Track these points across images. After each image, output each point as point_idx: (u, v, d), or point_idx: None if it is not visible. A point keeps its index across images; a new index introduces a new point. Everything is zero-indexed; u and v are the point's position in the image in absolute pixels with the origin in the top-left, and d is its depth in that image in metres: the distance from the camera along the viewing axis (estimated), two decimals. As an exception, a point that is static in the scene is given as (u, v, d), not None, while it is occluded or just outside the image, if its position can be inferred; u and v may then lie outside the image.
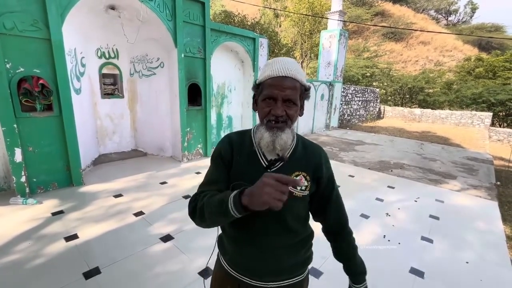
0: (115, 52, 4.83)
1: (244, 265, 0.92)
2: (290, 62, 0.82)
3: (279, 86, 0.79)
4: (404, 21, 35.10)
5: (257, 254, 0.89)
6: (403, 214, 3.35)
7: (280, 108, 0.79)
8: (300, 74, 0.81)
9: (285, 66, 0.80)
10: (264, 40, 6.31)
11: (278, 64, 0.81)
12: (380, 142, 8.16)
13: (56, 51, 3.27)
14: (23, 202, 3.13)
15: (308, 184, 0.87)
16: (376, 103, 15.33)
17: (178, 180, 4.15)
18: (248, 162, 0.88)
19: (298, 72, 0.81)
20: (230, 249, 0.95)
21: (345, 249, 1.02)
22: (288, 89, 0.79)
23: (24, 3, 3.01)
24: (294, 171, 0.87)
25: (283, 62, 0.81)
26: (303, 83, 0.82)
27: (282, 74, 0.79)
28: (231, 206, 0.68)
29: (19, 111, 3.14)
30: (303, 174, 0.87)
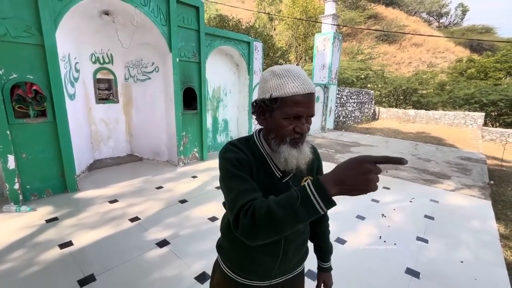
0: (109, 57, 4.82)
1: (250, 268, 0.91)
2: (305, 74, 0.78)
3: (306, 104, 0.74)
4: (396, 23, 35.62)
5: (268, 257, 0.90)
6: (398, 215, 3.38)
7: (306, 125, 0.78)
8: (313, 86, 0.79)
9: (306, 80, 0.75)
10: (258, 43, 6.36)
11: (301, 79, 0.75)
12: (375, 143, 8.23)
13: (50, 57, 3.26)
14: (16, 209, 3.08)
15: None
16: (371, 105, 15.48)
17: (174, 184, 4.14)
18: (263, 173, 0.84)
19: (311, 83, 0.77)
20: (235, 254, 0.93)
21: (323, 232, 1.11)
22: (313, 106, 0.77)
23: (17, 9, 2.99)
24: (303, 176, 0.91)
25: (303, 76, 0.76)
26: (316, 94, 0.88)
27: (308, 91, 0.74)
28: (317, 200, 0.60)
29: (12, 118, 3.11)
30: (309, 177, 0.92)
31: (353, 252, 2.58)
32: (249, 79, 6.23)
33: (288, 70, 0.77)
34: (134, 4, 3.94)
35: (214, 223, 3.01)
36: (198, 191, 3.92)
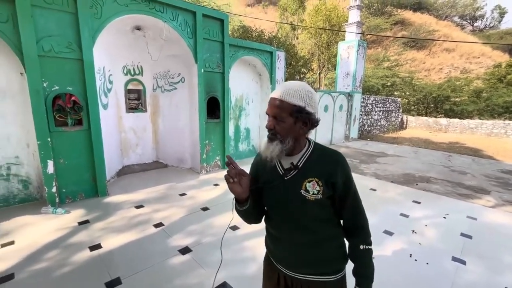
0: (139, 69, 5.11)
1: (278, 257, 1.12)
2: (287, 85, 0.96)
3: (270, 105, 0.97)
4: (426, 29, 34.21)
5: (283, 248, 1.08)
6: (431, 232, 3.15)
7: (269, 123, 0.97)
8: (290, 96, 0.93)
9: (279, 89, 0.96)
10: (281, 53, 6.40)
11: (277, 87, 0.98)
12: (403, 153, 7.82)
13: (87, 70, 3.53)
14: (53, 211, 3.31)
15: (320, 188, 0.97)
16: (398, 113, 14.83)
17: (197, 192, 4.21)
18: (270, 171, 1.06)
19: (289, 94, 0.93)
20: (269, 243, 1.16)
21: (353, 249, 1.08)
22: (274, 108, 0.95)
23: (61, 28, 3.29)
24: (307, 178, 0.98)
25: (280, 86, 0.97)
26: (293, 103, 0.92)
27: (272, 96, 0.96)
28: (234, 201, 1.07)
29: (53, 126, 3.38)
30: (315, 180, 0.98)
31: (380, 270, 2.42)
32: (271, 88, 6.27)
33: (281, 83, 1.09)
34: (164, 19, 4.17)
35: (235, 232, 3.01)
36: (220, 199, 3.95)
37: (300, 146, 1.02)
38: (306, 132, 0.98)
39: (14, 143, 3.43)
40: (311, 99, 0.95)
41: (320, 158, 1.01)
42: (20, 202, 3.55)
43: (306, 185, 0.98)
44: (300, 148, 1.02)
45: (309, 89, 0.96)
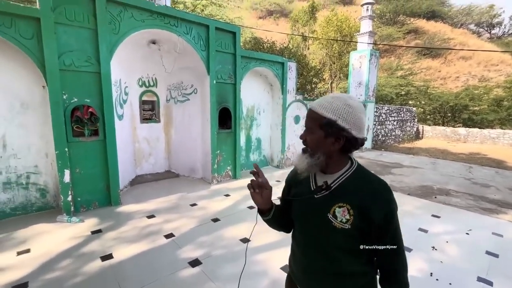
0: (154, 81, 5.26)
1: (299, 280, 1.06)
2: (326, 96, 0.92)
3: (306, 115, 0.95)
4: (440, 37, 33.63)
5: (305, 271, 1.02)
6: (453, 249, 2.97)
7: (302, 134, 0.95)
8: (322, 107, 0.88)
9: (318, 99, 0.93)
10: (292, 64, 6.43)
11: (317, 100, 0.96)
12: (420, 164, 7.55)
13: (104, 82, 3.66)
14: (67, 220, 3.37)
15: (350, 218, 0.87)
16: (413, 123, 14.44)
17: (208, 202, 4.20)
18: (302, 185, 1.01)
19: (322, 105, 0.89)
20: (292, 263, 1.11)
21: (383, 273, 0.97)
22: (307, 118, 0.93)
23: (81, 43, 3.46)
24: (338, 202, 0.90)
25: (320, 99, 0.93)
26: (323, 115, 0.87)
27: (308, 107, 1.00)
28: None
29: (71, 136, 3.50)
30: (347, 206, 0.88)
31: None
32: (282, 98, 6.28)
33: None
34: (178, 33, 4.30)
35: (246, 245, 2.95)
36: (230, 210, 3.91)
37: (336, 165, 0.93)
38: (337, 148, 0.88)
39: (34, 153, 3.57)
40: (347, 113, 0.85)
41: (360, 184, 0.90)
42: (37, 210, 3.65)
43: (336, 210, 0.89)
44: (338, 167, 0.93)
45: (349, 102, 0.86)
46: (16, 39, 3.06)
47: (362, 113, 0.87)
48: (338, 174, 0.92)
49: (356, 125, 0.86)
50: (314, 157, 0.91)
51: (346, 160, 0.94)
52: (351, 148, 0.90)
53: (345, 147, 0.88)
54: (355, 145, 0.89)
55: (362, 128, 0.88)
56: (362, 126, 0.88)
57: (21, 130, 3.45)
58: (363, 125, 0.88)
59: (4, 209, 3.43)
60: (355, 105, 0.86)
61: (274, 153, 6.71)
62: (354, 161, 0.96)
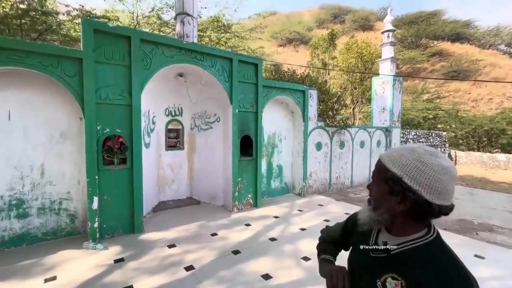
0: (179, 110, 5.52)
1: None
2: (397, 148, 0.81)
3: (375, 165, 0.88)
4: (468, 58, 32.62)
5: None
6: (504, 299, 2.59)
7: (370, 183, 0.88)
8: (390, 159, 0.78)
9: (387, 150, 0.85)
10: (313, 91, 6.48)
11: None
12: (456, 195, 6.85)
13: (135, 114, 3.89)
14: (93, 247, 3.45)
15: None
16: (444, 148, 13.62)
17: (228, 232, 4.12)
18: (364, 235, 0.92)
19: (390, 156, 0.79)
20: None
21: None
22: (375, 167, 0.85)
23: (116, 79, 3.76)
24: (393, 271, 0.77)
25: (392, 148, 0.90)
26: (388, 167, 0.77)
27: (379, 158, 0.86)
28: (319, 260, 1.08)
29: (101, 165, 3.69)
30: (402, 281, 0.75)
31: None
32: (304, 125, 6.26)
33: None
34: (204, 66, 4.56)
35: (267, 282, 2.80)
36: (251, 241, 3.79)
37: (404, 228, 0.79)
38: (402, 210, 0.75)
39: (67, 180, 3.79)
40: (418, 171, 0.72)
41: (430, 262, 0.73)
42: (66, 235, 3.79)
43: (388, 279, 0.76)
44: (406, 231, 0.79)
45: (424, 159, 0.72)
46: (61, 77, 3.40)
47: (443, 175, 0.70)
48: (404, 240, 0.78)
49: (431, 188, 0.70)
50: (376, 212, 0.81)
51: (420, 226, 0.78)
52: (424, 214, 0.74)
53: (414, 211, 0.74)
54: (430, 212, 0.73)
55: (443, 193, 0.70)
56: (443, 190, 0.70)
57: (58, 159, 3.71)
58: (444, 189, 0.70)
59: (37, 233, 3.60)
60: (433, 164, 0.71)
61: (295, 181, 6.57)
62: (434, 230, 0.79)
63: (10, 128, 3.39)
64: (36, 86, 3.51)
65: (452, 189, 0.72)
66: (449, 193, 0.71)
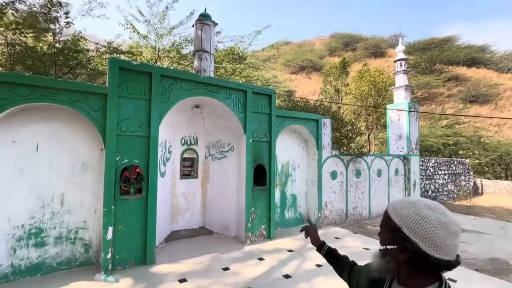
0: (195, 140, 5.67)
1: None
2: (402, 200, 0.86)
3: None
4: (486, 83, 31.93)
5: None
6: None
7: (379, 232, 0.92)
8: (394, 210, 0.84)
9: (395, 200, 0.88)
10: (327, 120, 6.51)
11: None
12: (485, 229, 6.45)
13: (152, 145, 4.04)
14: (104, 279, 3.42)
15: None
16: (469, 176, 12.90)
17: (241, 266, 3.97)
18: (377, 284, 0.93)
19: (394, 207, 0.85)
20: None
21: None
22: (383, 217, 0.90)
23: (136, 112, 3.97)
24: None
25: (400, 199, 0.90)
26: (391, 217, 0.83)
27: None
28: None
29: (118, 195, 3.77)
30: None
31: None
32: (318, 154, 6.21)
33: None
34: (219, 98, 4.74)
35: (281, 326, 2.62)
36: (265, 278, 3.62)
37: (411, 279, 0.80)
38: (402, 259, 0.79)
39: (85, 209, 3.88)
40: (416, 224, 0.76)
41: None
42: (79, 266, 3.80)
43: None
44: (415, 284, 0.80)
45: (423, 213, 0.77)
46: (87, 111, 3.63)
47: (440, 230, 0.73)
48: None
49: (428, 241, 0.73)
50: (384, 259, 0.85)
51: (430, 279, 0.79)
52: (424, 266, 0.76)
53: (415, 262, 0.77)
54: (429, 264, 0.75)
55: (441, 247, 0.73)
56: (441, 244, 0.73)
57: (78, 188, 3.84)
58: (442, 243, 0.73)
59: (52, 263, 3.63)
60: (430, 218, 0.75)
61: (310, 211, 6.37)
62: (445, 284, 0.79)
63: (37, 159, 3.59)
64: (63, 120, 3.76)
65: (453, 244, 0.74)
66: (449, 248, 0.73)
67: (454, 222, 0.76)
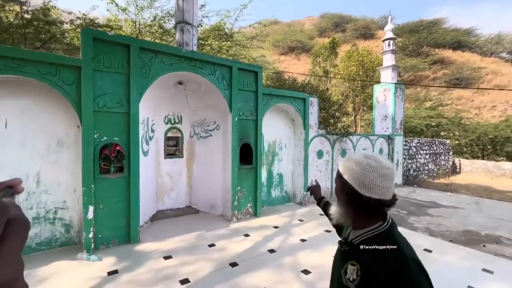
0: (179, 118, 5.49)
1: None
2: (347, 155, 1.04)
3: None
4: (469, 66, 32.62)
5: None
6: (515, 317, 2.45)
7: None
8: (342, 162, 0.97)
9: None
10: (314, 99, 6.45)
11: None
12: (461, 204, 6.80)
13: (133, 122, 3.86)
14: (87, 258, 3.36)
15: (357, 279, 0.86)
16: (448, 156, 13.44)
17: (226, 243, 4.01)
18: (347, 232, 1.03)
19: (341, 162, 0.99)
20: None
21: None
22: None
23: (114, 87, 3.75)
24: (352, 259, 0.90)
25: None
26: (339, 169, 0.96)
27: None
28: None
29: (98, 173, 3.63)
30: (358, 266, 0.87)
31: None
32: (304, 133, 6.20)
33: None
34: (203, 74, 4.55)
35: None
36: (250, 253, 3.68)
37: (360, 221, 0.93)
38: (346, 201, 0.93)
39: (63, 189, 3.73)
40: (352, 170, 0.90)
41: (375, 251, 0.85)
42: (60, 246, 3.71)
43: (348, 266, 0.90)
44: (363, 225, 0.92)
45: (357, 160, 0.90)
46: (59, 85, 3.39)
47: (371, 172, 0.86)
48: (362, 232, 0.92)
49: (361, 182, 0.86)
50: (338, 205, 0.98)
51: (374, 220, 0.91)
52: (362, 205, 0.88)
53: (354, 203, 0.90)
54: (363, 203, 0.87)
55: (372, 187, 0.85)
56: (371, 185, 0.85)
57: (55, 167, 3.66)
58: (372, 184, 0.85)
59: (31, 244, 3.52)
60: (362, 163, 0.89)
61: (296, 189, 6.46)
62: (388, 223, 0.90)
63: (7, 137, 3.36)
64: (34, 94, 3.50)
65: (382, 185, 0.85)
66: (379, 188, 0.85)
67: (384, 167, 0.87)
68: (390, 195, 0.87)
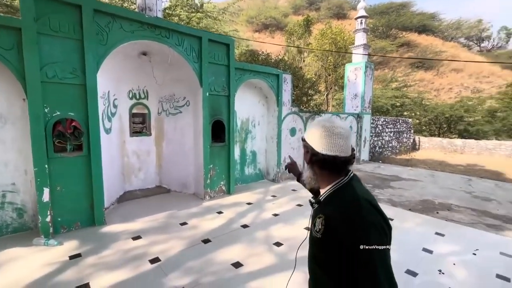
0: (145, 93, 5.10)
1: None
2: (312, 123, 1.07)
3: None
4: (432, 50, 34.44)
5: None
6: (461, 272, 2.75)
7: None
8: (307, 134, 1.05)
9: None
10: (287, 76, 6.35)
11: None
12: (419, 177, 7.39)
13: (90, 95, 3.48)
14: (44, 243, 3.10)
15: (321, 228, 0.93)
16: (410, 134, 14.43)
17: (199, 220, 3.95)
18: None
19: (307, 132, 1.06)
20: None
21: None
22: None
23: (65, 54, 3.30)
24: (319, 213, 0.98)
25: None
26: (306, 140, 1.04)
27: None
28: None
29: (52, 152, 3.27)
30: (323, 217, 0.94)
31: (406, 323, 2.06)
32: (278, 110, 6.15)
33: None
34: (169, 44, 4.18)
35: (238, 270, 2.71)
36: (223, 229, 3.67)
37: (324, 180, 1.02)
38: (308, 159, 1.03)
39: (11, 170, 3.33)
40: (310, 131, 1.02)
41: (335, 202, 0.96)
42: (13, 232, 3.37)
43: (316, 220, 0.97)
44: (327, 183, 1.01)
45: (315, 123, 1.01)
46: (-5, 50, 2.89)
47: (324, 132, 0.96)
48: (327, 188, 1.01)
49: (318, 142, 0.97)
50: (307, 169, 1.08)
51: (338, 177, 0.99)
52: (321, 162, 0.98)
53: (316, 163, 1.00)
54: (321, 160, 0.97)
55: (326, 146, 0.94)
56: (325, 143, 0.95)
57: (-2, 146, 3.22)
58: (326, 142, 0.95)
59: (-24, 231, 3.15)
60: (318, 125, 0.99)
61: (269, 167, 6.51)
62: (348, 176, 0.99)
63: None
64: (-38, 60, 2.96)
65: (336, 143, 0.94)
66: (333, 145, 0.94)
67: (338, 126, 0.96)
68: (347, 153, 0.95)
